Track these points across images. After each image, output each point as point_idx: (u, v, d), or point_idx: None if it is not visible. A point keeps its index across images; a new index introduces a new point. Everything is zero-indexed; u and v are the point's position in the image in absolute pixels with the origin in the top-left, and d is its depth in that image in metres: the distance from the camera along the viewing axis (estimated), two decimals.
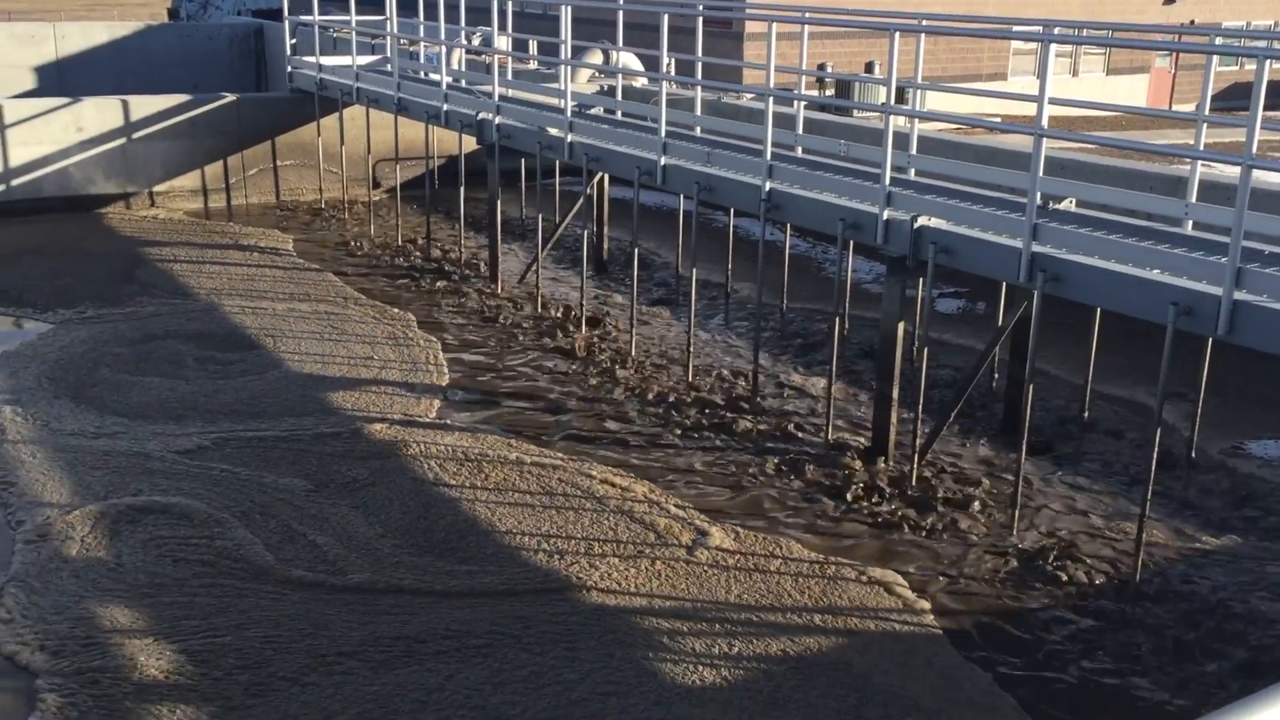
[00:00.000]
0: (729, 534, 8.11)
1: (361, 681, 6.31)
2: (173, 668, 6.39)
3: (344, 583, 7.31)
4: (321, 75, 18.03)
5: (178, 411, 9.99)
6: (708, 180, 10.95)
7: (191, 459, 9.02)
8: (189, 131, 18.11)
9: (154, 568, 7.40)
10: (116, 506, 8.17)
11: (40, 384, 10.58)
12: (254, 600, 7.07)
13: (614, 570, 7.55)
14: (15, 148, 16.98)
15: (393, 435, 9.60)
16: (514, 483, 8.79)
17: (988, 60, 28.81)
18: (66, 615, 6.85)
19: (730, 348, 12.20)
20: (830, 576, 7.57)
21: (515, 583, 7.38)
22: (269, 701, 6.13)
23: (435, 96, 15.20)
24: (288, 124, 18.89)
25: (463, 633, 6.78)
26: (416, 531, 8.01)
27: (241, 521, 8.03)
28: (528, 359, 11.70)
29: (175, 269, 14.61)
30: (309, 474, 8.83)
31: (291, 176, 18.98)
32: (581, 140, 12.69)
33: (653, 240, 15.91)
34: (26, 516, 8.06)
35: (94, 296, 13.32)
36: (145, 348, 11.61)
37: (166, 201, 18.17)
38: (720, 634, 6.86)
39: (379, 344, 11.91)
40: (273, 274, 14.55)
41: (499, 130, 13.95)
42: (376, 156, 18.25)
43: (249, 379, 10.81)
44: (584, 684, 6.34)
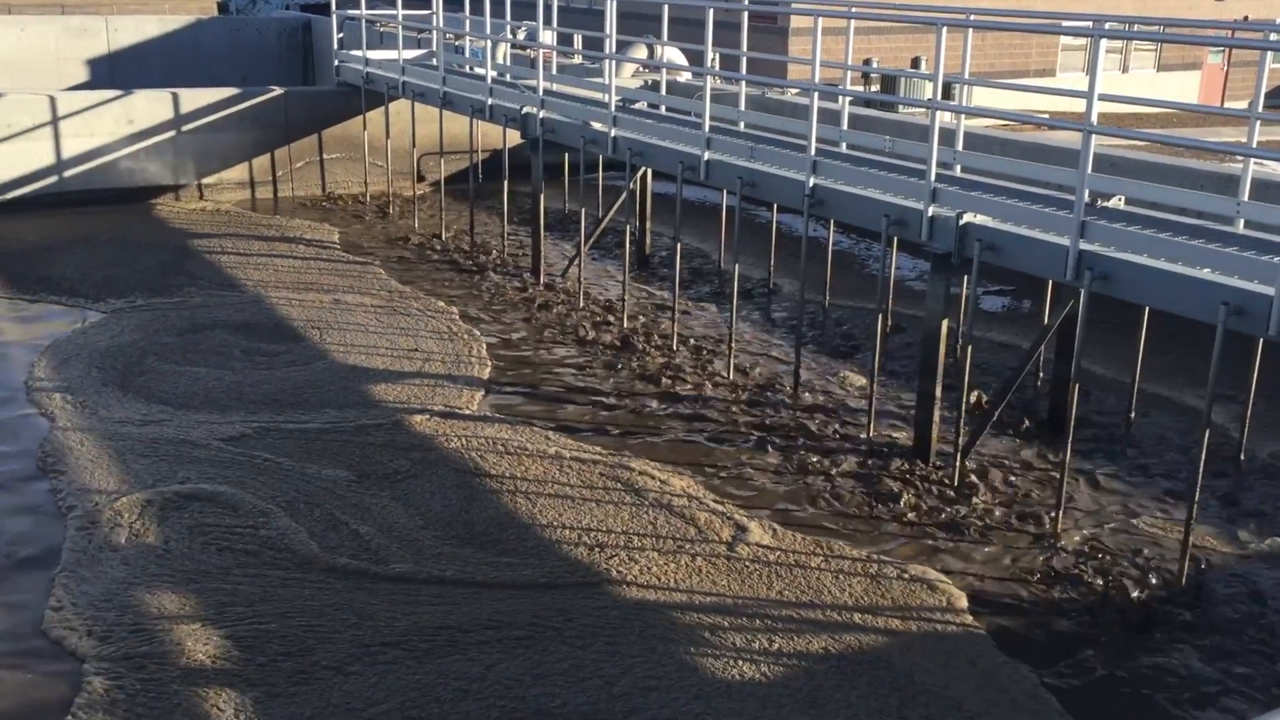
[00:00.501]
0: (768, 530, 8.09)
1: (405, 670, 6.36)
2: (219, 653, 6.48)
3: (387, 572, 7.37)
4: (368, 69, 18.16)
5: (222, 401, 10.12)
6: (751, 176, 10.92)
7: (236, 447, 9.12)
8: (237, 125, 18.31)
9: (200, 555, 7.49)
10: (164, 494, 8.28)
11: (90, 372, 10.75)
12: (298, 589, 7.15)
13: (654, 565, 7.56)
14: (68, 139, 17.25)
15: (434, 427, 9.67)
16: (553, 476, 8.83)
17: (1036, 56, 28.50)
18: (115, 602, 6.95)
19: (772, 344, 12.17)
20: (871, 575, 7.54)
21: (556, 576, 7.41)
22: (313, 689, 6.20)
23: (480, 91, 15.26)
24: (334, 117, 19.05)
25: (504, 624, 6.82)
26: (457, 523, 8.06)
27: (285, 511, 8.11)
28: (569, 353, 11.73)
29: (223, 260, 14.78)
30: (351, 465, 8.91)
31: (337, 170, 19.14)
32: (625, 135, 12.70)
33: (695, 236, 15.89)
34: (76, 503, 8.19)
35: (143, 286, 13.51)
36: (193, 338, 11.76)
37: (215, 194, 18.39)
38: (761, 630, 6.85)
39: (422, 337, 11.98)
40: (318, 266, 14.68)
41: (543, 125, 13.99)
42: (421, 150, 18.36)
43: (293, 370, 10.92)
44: (625, 678, 6.35)
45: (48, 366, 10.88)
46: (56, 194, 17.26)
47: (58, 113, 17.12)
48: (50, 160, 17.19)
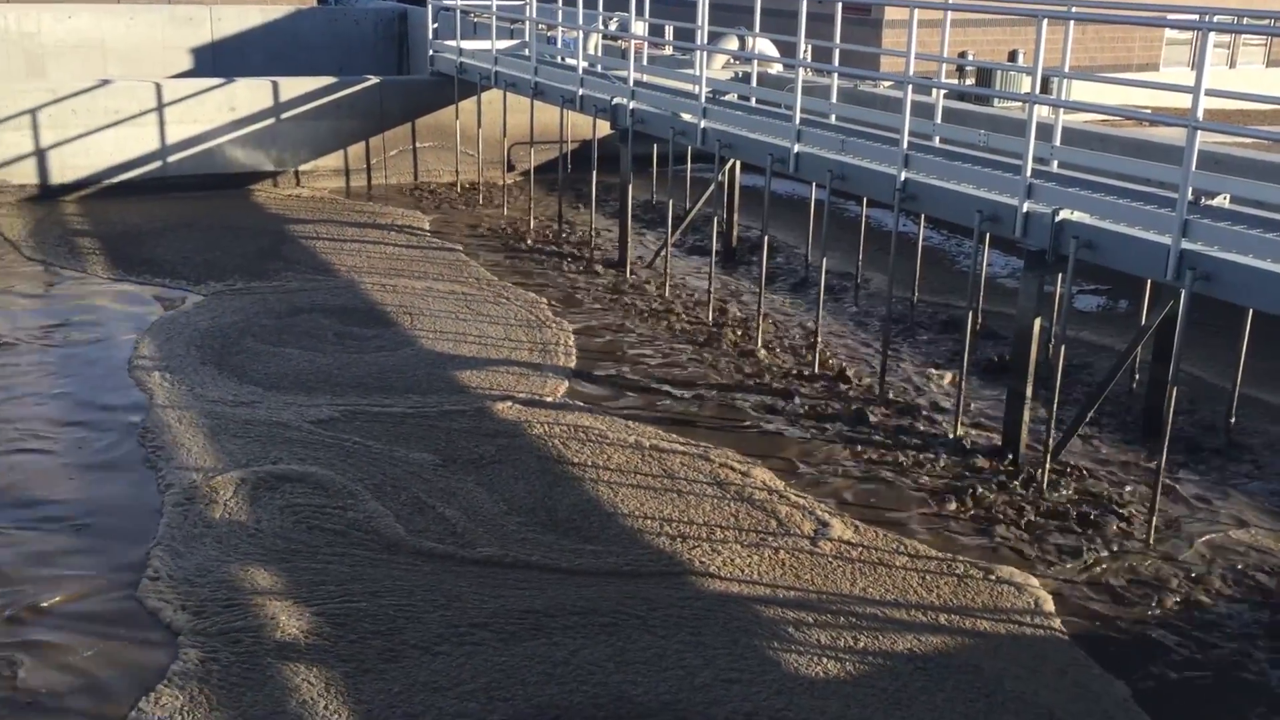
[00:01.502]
0: (851, 526, 8.02)
1: (490, 652, 6.45)
2: (310, 630, 6.62)
3: (473, 556, 7.47)
4: (461, 59, 18.36)
5: (310, 383, 10.33)
6: (841, 168, 10.82)
7: (326, 430, 9.31)
8: (334, 113, 18.65)
9: (290, 534, 7.67)
10: (256, 473, 8.49)
11: (189, 351, 11.06)
12: (387, 569, 7.28)
13: (737, 557, 7.55)
14: (172, 126, 17.74)
15: (519, 414, 9.76)
16: (635, 465, 8.86)
17: (1139, 50, 27.76)
18: (209, 577, 7.15)
19: (859, 339, 12.06)
20: (958, 575, 7.43)
21: (639, 564, 7.44)
22: (401, 667, 6.31)
23: (571, 81, 15.34)
24: (427, 107, 19.31)
25: (589, 610, 6.87)
26: (541, 509, 8.14)
27: (373, 493, 8.25)
28: (653, 343, 11.75)
29: (318, 246, 15.08)
30: (437, 449, 9.04)
31: (430, 158, 19.39)
32: (714, 126, 12.67)
33: (783, 229, 15.80)
34: (174, 480, 8.43)
35: (242, 270, 13.85)
36: (290, 321, 12.02)
37: (311, 180, 18.76)
38: (845, 627, 6.80)
39: (510, 325, 12.10)
40: (409, 253, 14.90)
41: (633, 115, 14.02)
42: (512, 140, 18.52)
43: (382, 355, 11.11)
44: (707, 670, 6.35)
45: (149, 346, 11.21)
46: (160, 179, 17.77)
47: (163, 99, 17.61)
48: (155, 146, 17.70)
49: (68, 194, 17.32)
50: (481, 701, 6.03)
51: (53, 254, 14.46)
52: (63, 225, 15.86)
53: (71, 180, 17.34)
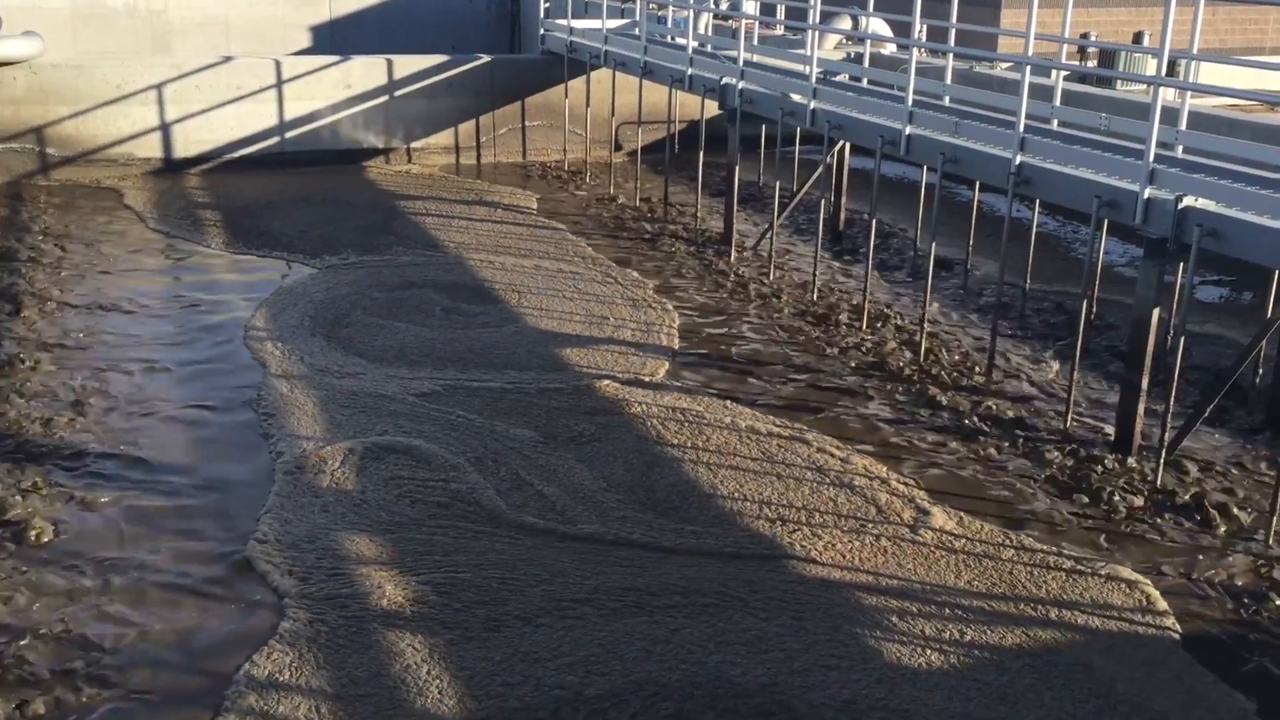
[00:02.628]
0: (953, 516, 7.88)
1: (591, 627, 6.50)
2: (415, 597, 6.75)
3: (575, 532, 7.53)
4: (572, 38, 18.43)
5: (413, 357, 10.50)
6: (954, 151, 10.59)
7: (430, 403, 9.46)
8: (446, 91, 18.90)
9: (394, 506, 7.82)
10: (363, 444, 8.67)
11: (302, 322, 11.34)
12: (489, 543, 7.38)
13: (837, 542, 7.48)
14: (290, 102, 18.17)
15: (618, 393, 9.79)
16: (734, 447, 8.82)
17: (1274, 32, 26.59)
18: (316, 544, 7.33)
19: (967, 327, 11.82)
20: (1066, 570, 7.25)
21: (740, 546, 7.41)
22: (503, 636, 6.41)
23: (680, 60, 15.29)
24: (537, 85, 19.44)
25: (691, 590, 6.88)
26: (639, 488, 8.16)
27: (475, 467, 8.37)
28: (755, 325, 11.68)
29: (428, 222, 15.32)
30: (537, 426, 9.12)
31: (538, 137, 19.54)
32: (824, 107, 12.51)
33: (891, 212, 15.55)
34: (285, 449, 8.66)
35: (355, 244, 14.14)
36: (401, 295, 12.25)
37: (422, 157, 19.06)
38: (949, 619, 6.68)
39: (613, 304, 12.14)
40: (516, 231, 15.05)
41: (741, 95, 13.91)
42: (620, 119, 18.55)
43: (486, 331, 11.24)
44: (807, 654, 6.32)
45: (265, 316, 11.53)
46: (278, 154, 18.23)
47: (282, 76, 18.05)
48: (273, 121, 18.16)
49: (190, 167, 17.88)
50: (580, 674, 6.09)
51: (175, 226, 14.95)
52: (185, 198, 16.38)
53: (194, 154, 17.90)
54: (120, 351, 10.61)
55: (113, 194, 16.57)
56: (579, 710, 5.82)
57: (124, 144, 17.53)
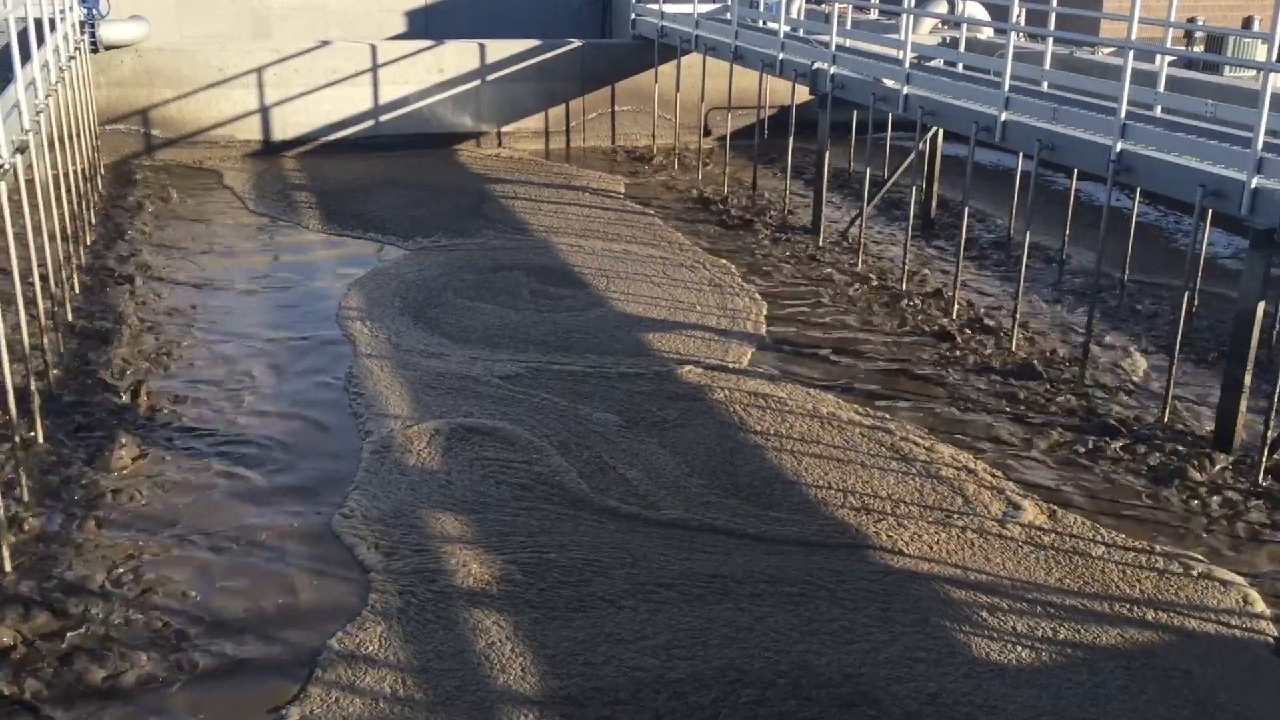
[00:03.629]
0: (1044, 510, 7.72)
1: (676, 611, 6.52)
2: (500, 576, 6.83)
3: (658, 517, 7.54)
4: (663, 23, 18.38)
5: (495, 338, 10.60)
6: (1051, 138, 10.35)
7: (513, 385, 9.54)
8: (536, 76, 19.00)
9: (479, 486, 7.90)
10: (449, 425, 8.78)
11: (392, 302, 11.53)
12: (574, 525, 7.43)
13: (924, 534, 7.38)
14: (384, 86, 18.43)
15: (702, 379, 9.77)
16: (818, 435, 8.75)
17: None
18: (402, 521, 7.45)
19: (1061, 318, 11.55)
20: (1160, 570, 7.06)
21: (826, 535, 7.36)
22: (588, 617, 6.46)
23: (772, 45, 15.17)
24: (627, 70, 19.44)
25: (777, 578, 6.85)
26: (722, 474, 8.14)
27: (558, 450, 8.42)
28: (842, 313, 11.56)
29: (517, 206, 15.44)
30: (620, 410, 9.14)
31: (627, 122, 19.55)
32: (918, 93, 12.31)
33: (985, 200, 15.27)
34: (374, 427, 8.81)
35: (446, 227, 14.31)
36: (491, 277, 12.37)
37: (512, 141, 19.20)
38: (1040, 616, 6.55)
39: (699, 290, 12.12)
40: (604, 216, 15.09)
41: (833, 80, 13.76)
42: (709, 104, 18.46)
43: (571, 314, 11.30)
44: (894, 645, 6.26)
45: (357, 296, 11.73)
46: (371, 137, 18.51)
47: (377, 60, 18.31)
48: (368, 105, 18.44)
49: (287, 150, 18.24)
50: (661, 657, 6.10)
51: (272, 207, 15.28)
52: (282, 179, 16.73)
53: (291, 137, 18.26)
54: (216, 328, 10.88)
55: (213, 175, 16.99)
56: (660, 692, 5.84)
57: (225, 126, 17.95)
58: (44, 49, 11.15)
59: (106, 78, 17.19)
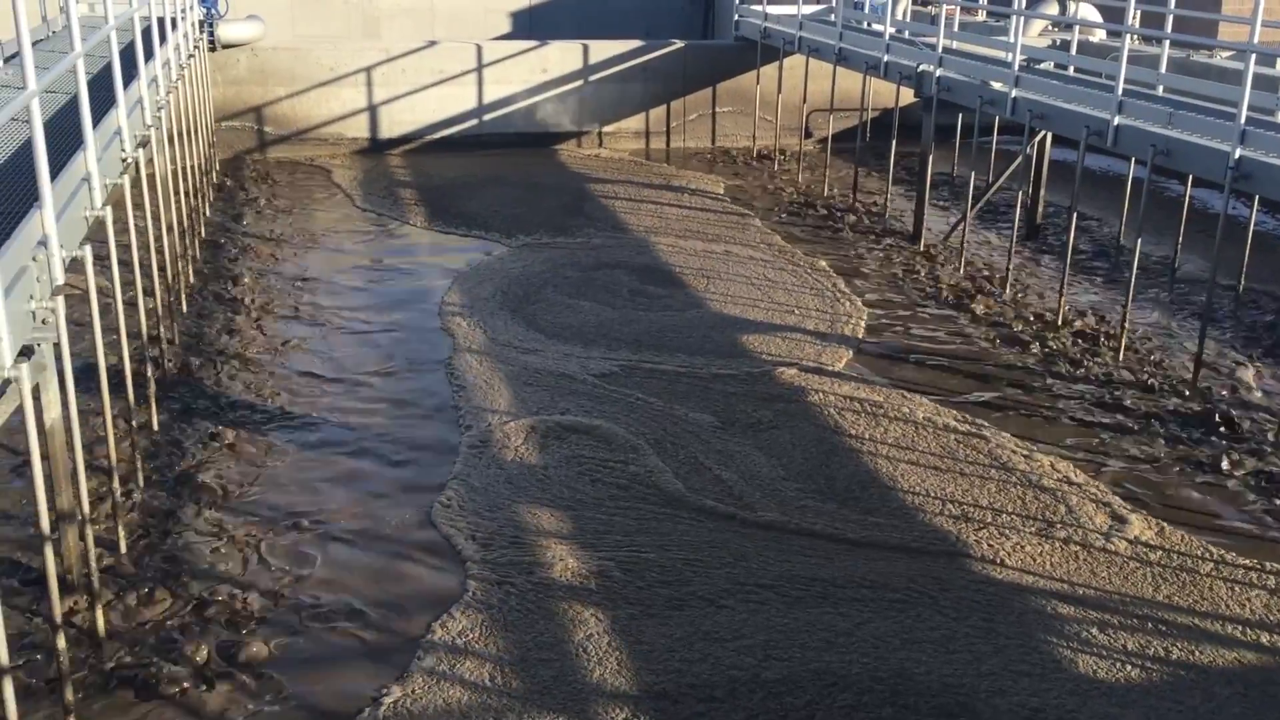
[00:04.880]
0: (1151, 525, 7.53)
1: (774, 612, 6.51)
2: (598, 572, 6.89)
3: (756, 519, 7.53)
4: (766, 24, 18.33)
5: (589, 336, 10.69)
6: (1166, 144, 10.08)
7: (609, 384, 9.60)
8: (639, 76, 19.09)
9: (576, 484, 7.98)
10: (546, 422, 8.88)
11: (493, 297, 11.70)
12: (672, 525, 7.45)
13: (1026, 544, 7.25)
14: (489, 86, 18.70)
15: (798, 381, 9.73)
16: (914, 441, 8.65)
17: None
18: (499, 514, 7.56)
19: (1171, 328, 11.25)
20: (1270, 589, 6.84)
21: (927, 542, 7.28)
22: (685, 615, 6.48)
23: (876, 47, 15.03)
24: (729, 72, 19.43)
25: (879, 584, 6.80)
26: (818, 477, 8.10)
27: (654, 450, 8.46)
28: (943, 319, 11.41)
29: (617, 205, 15.53)
30: (715, 411, 9.15)
31: (728, 123, 19.53)
32: (1026, 96, 12.09)
33: (1093, 206, 14.93)
34: (473, 422, 8.95)
35: (547, 225, 14.47)
36: (593, 275, 12.48)
37: (612, 141, 19.32)
38: (1148, 634, 6.38)
39: (798, 292, 12.06)
40: (704, 217, 15.10)
41: (939, 83, 13.58)
42: (811, 107, 18.37)
43: (667, 314, 11.33)
44: (996, 658, 6.16)
45: (458, 292, 11.92)
46: (475, 136, 18.79)
47: (482, 60, 18.59)
48: (472, 104, 18.72)
49: (393, 147, 18.61)
50: (758, 657, 6.11)
51: (379, 204, 15.61)
52: (388, 177, 17.07)
53: (397, 135, 18.63)
54: (323, 320, 11.16)
55: (322, 171, 17.41)
56: (755, 692, 5.84)
57: (334, 124, 18.39)
58: (166, 47, 11.54)
59: (223, 76, 17.73)
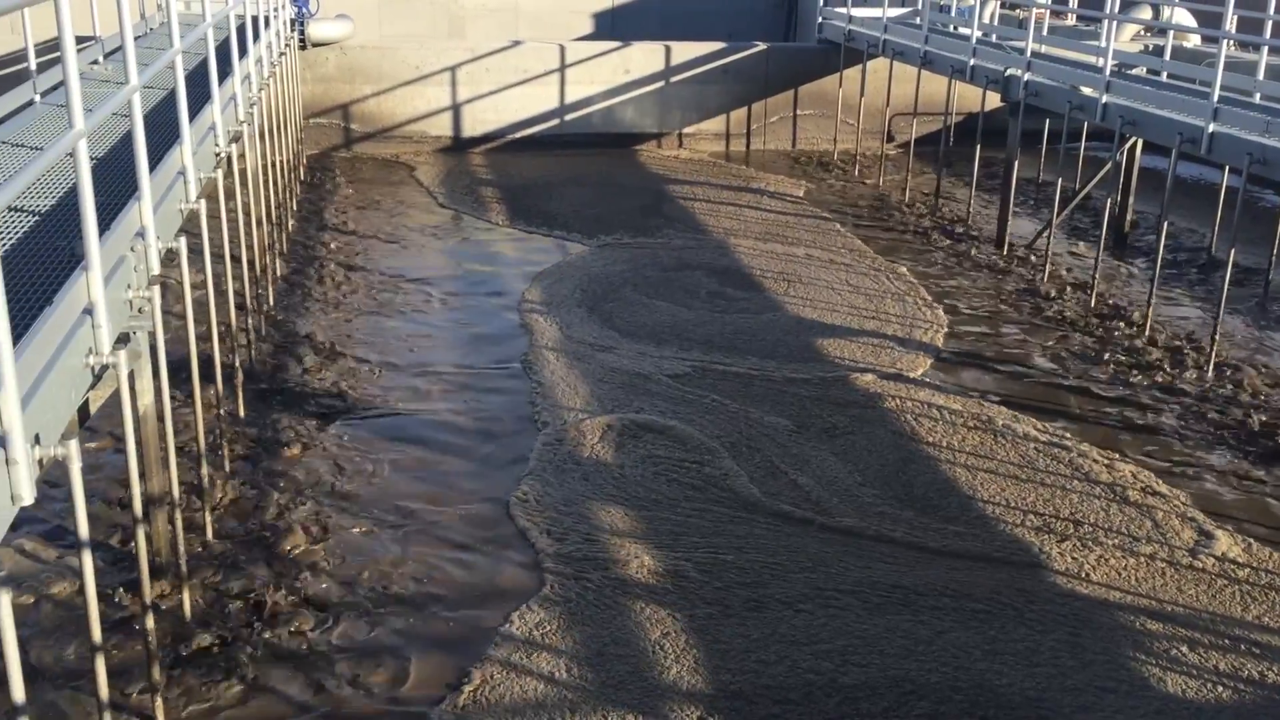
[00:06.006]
0: (1239, 542, 7.34)
1: (854, 618, 6.47)
2: (674, 572, 6.90)
3: (834, 524, 7.49)
4: (850, 27, 18.20)
5: (662, 335, 10.70)
6: (1263, 152, 9.81)
7: (684, 385, 9.61)
8: (720, 78, 19.07)
9: (651, 484, 7.99)
10: (622, 421, 8.91)
11: (572, 294, 11.79)
12: (748, 528, 7.43)
13: (1110, 558, 7.12)
14: (571, 86, 18.81)
15: (872, 387, 9.65)
16: (993, 450, 8.54)
17: None
18: (573, 510, 7.61)
19: (1264, 344, 10.95)
20: None
21: (1010, 553, 7.17)
22: (763, 618, 6.47)
23: (962, 50, 14.85)
24: (811, 74, 19.33)
25: (961, 594, 6.73)
26: (896, 484, 8.03)
27: (729, 452, 8.45)
28: (1025, 328, 11.23)
29: (696, 207, 15.53)
30: (790, 414, 9.10)
31: (808, 126, 19.43)
32: (1117, 101, 11.85)
33: (1184, 216, 14.59)
34: (549, 418, 9.01)
35: (627, 225, 14.52)
36: (673, 275, 12.51)
37: (692, 143, 19.32)
38: (1240, 655, 6.22)
39: (877, 297, 11.96)
40: (784, 220, 15.04)
41: (1026, 87, 13.38)
42: (893, 110, 18.19)
43: (743, 316, 11.31)
44: (1082, 673, 6.05)
45: (538, 289, 12.02)
46: (556, 135, 18.91)
47: (565, 61, 18.70)
48: (554, 104, 18.85)
49: (475, 146, 18.81)
50: (836, 662, 6.07)
51: (460, 201, 15.78)
52: (469, 175, 17.26)
53: (480, 133, 18.82)
54: (403, 315, 11.32)
55: (405, 169, 17.65)
56: (831, 696, 5.81)
57: (418, 122, 18.63)
58: (259, 45, 11.80)
59: (312, 73, 18.06)
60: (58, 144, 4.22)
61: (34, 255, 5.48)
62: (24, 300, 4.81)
